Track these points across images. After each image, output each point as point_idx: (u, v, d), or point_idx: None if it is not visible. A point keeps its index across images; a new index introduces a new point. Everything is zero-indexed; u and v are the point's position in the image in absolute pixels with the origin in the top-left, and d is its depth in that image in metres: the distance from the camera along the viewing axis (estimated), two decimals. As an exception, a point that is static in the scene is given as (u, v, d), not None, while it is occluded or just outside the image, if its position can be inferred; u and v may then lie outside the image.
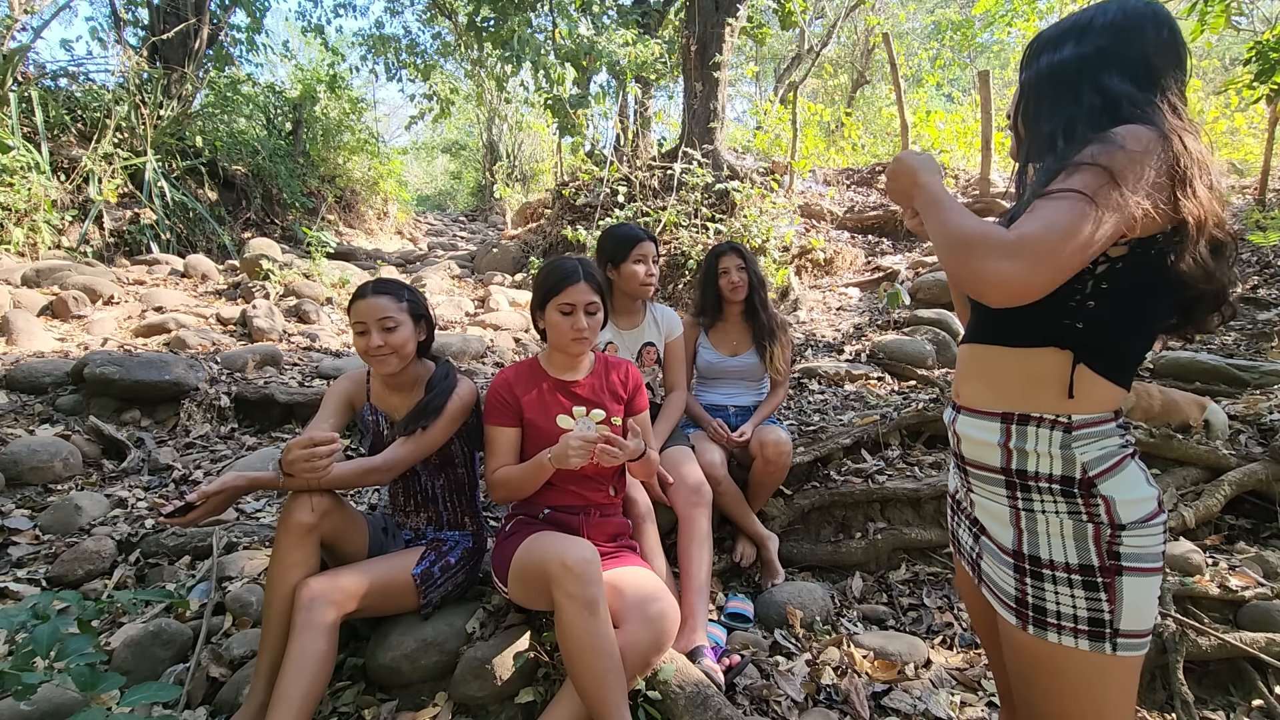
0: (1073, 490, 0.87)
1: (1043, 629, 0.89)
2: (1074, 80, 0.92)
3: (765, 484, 2.25)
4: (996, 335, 0.96)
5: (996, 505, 0.96)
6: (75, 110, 6.48)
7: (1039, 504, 0.90)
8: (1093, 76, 0.90)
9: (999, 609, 0.95)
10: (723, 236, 5.77)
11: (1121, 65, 0.89)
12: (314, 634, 1.43)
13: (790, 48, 13.04)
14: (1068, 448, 0.88)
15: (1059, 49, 0.94)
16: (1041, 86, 0.97)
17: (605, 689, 1.33)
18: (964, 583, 1.13)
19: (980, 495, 0.99)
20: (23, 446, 2.58)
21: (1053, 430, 0.88)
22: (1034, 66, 0.98)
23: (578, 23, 8.03)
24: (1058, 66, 0.94)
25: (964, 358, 1.03)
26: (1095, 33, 0.91)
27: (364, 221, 10.42)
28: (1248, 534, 2.38)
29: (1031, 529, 0.90)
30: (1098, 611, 0.85)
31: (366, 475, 1.63)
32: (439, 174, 21.65)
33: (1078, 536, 0.87)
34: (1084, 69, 0.91)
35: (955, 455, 1.05)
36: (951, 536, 1.13)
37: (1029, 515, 0.91)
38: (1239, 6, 4.63)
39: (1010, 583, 0.92)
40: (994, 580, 0.96)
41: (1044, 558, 0.89)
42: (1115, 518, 0.85)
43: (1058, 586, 0.87)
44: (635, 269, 2.16)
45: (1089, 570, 0.86)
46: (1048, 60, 0.96)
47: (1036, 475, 0.90)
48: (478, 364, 4.28)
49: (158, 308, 4.66)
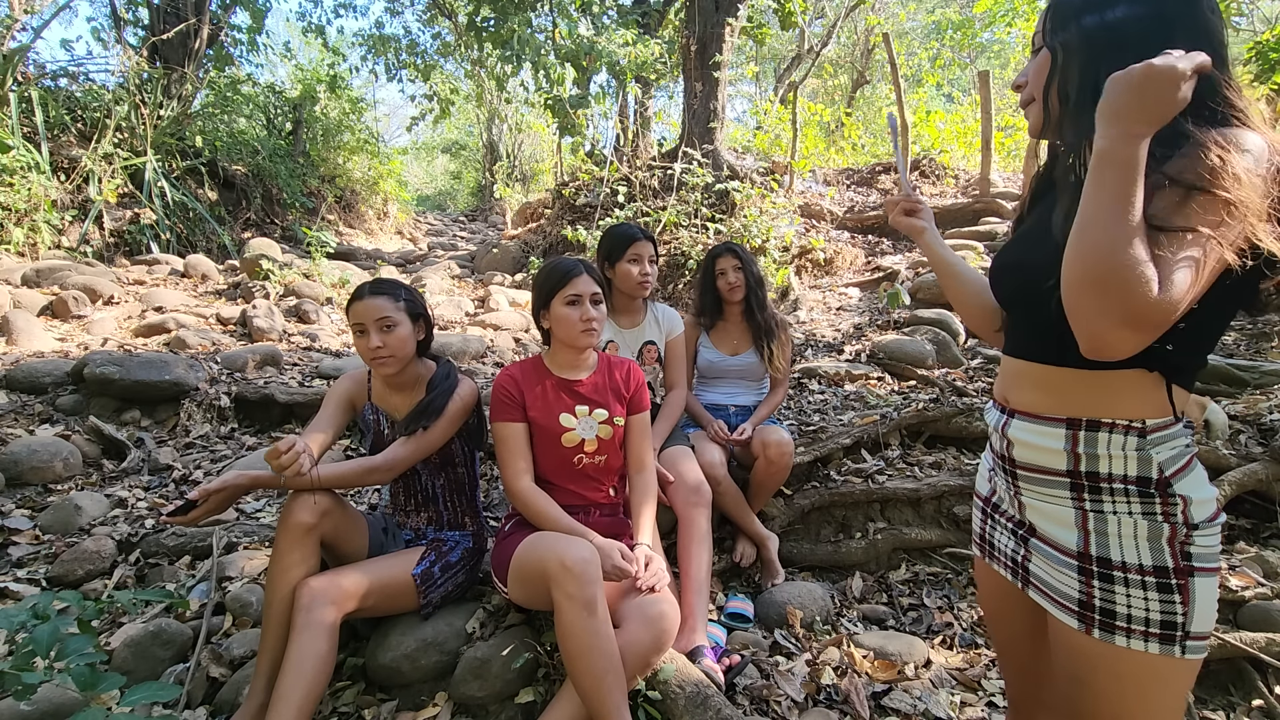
0: (1149, 490, 0.84)
1: (1110, 632, 0.85)
2: (1135, 47, 0.78)
3: (766, 484, 2.25)
4: (1065, 358, 0.87)
5: (1056, 508, 0.92)
6: (75, 110, 6.48)
7: (1110, 505, 0.87)
8: (1160, 46, 0.75)
9: (1056, 612, 0.91)
10: (723, 236, 5.77)
11: (1191, 36, 0.77)
12: (314, 634, 1.43)
13: (790, 48, 13.04)
14: (1143, 450, 0.84)
15: (1108, 7, 0.82)
16: (1091, 51, 0.82)
17: (605, 689, 1.33)
18: (987, 584, 1.09)
19: (1035, 499, 0.95)
20: (23, 446, 2.58)
21: (1126, 435, 0.85)
22: (1072, 27, 0.84)
23: (578, 23, 8.03)
24: (1112, 28, 0.81)
25: (1015, 370, 0.96)
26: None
27: (364, 221, 10.42)
28: (1248, 534, 2.37)
29: (1101, 530, 0.87)
30: (1171, 614, 0.82)
31: (367, 475, 1.64)
32: (439, 174, 21.65)
33: (1152, 537, 0.84)
34: (1147, 35, 0.79)
35: (999, 458, 1.00)
36: (980, 540, 1.09)
37: (1098, 517, 0.87)
38: (1239, 6, 4.63)
39: (1073, 585, 0.88)
40: (1050, 584, 0.92)
41: (1115, 559, 0.85)
42: (1190, 517, 0.83)
43: (1130, 589, 0.84)
44: (630, 268, 2.16)
45: (1164, 572, 0.83)
46: (1094, 21, 0.82)
47: (1110, 476, 0.86)
48: (478, 364, 4.27)
49: (158, 308, 4.66)
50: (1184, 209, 0.72)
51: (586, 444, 1.69)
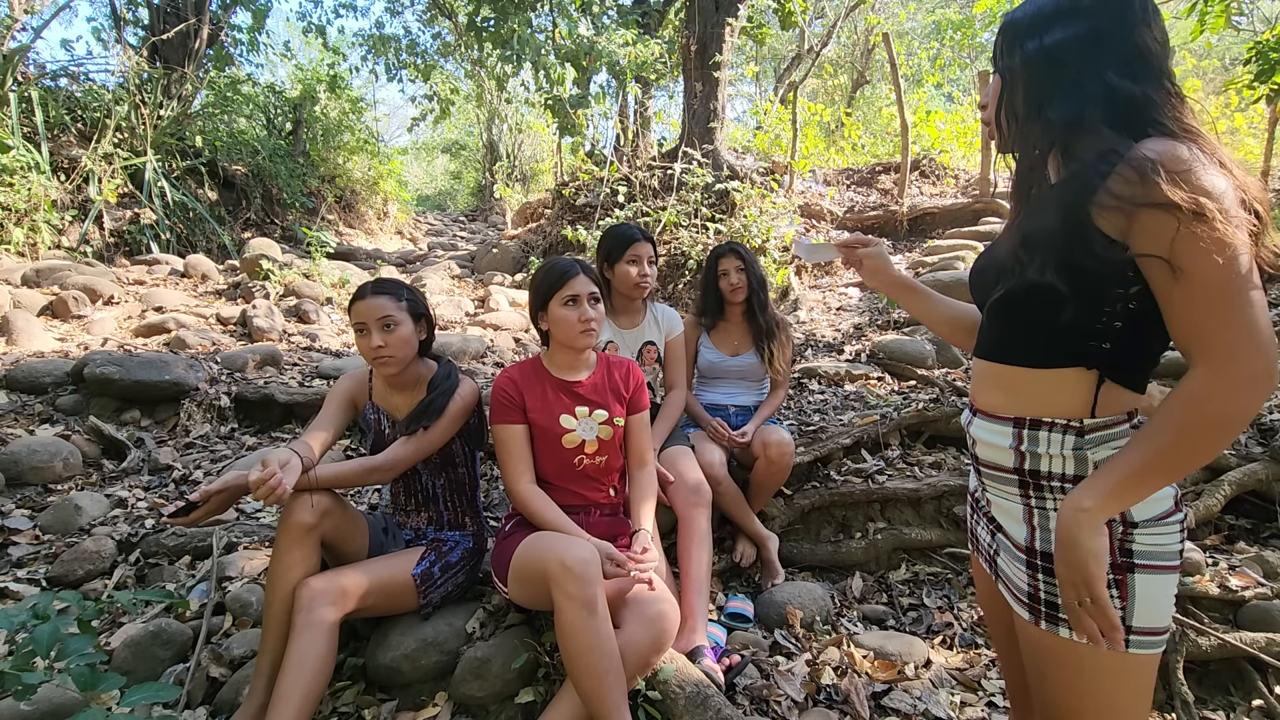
0: None
1: (1055, 624, 0.89)
2: (1071, 66, 0.85)
3: (767, 484, 2.25)
4: (1015, 356, 0.94)
5: (1010, 503, 0.97)
6: (75, 110, 6.48)
7: (1051, 502, 0.91)
8: (1094, 64, 0.83)
9: (1014, 605, 0.96)
10: (723, 236, 5.77)
11: (1125, 53, 0.83)
12: (314, 634, 1.43)
13: (790, 48, 13.03)
14: (1080, 449, 0.88)
15: (1046, 31, 0.87)
16: (1033, 74, 0.88)
17: (605, 689, 1.33)
18: (981, 580, 1.14)
19: (995, 495, 1.00)
20: (23, 446, 2.58)
21: (1065, 434, 0.89)
22: (1016, 53, 0.90)
23: (578, 23, 8.03)
24: (1050, 51, 0.86)
25: (978, 369, 1.02)
26: (1085, 12, 0.84)
27: (364, 221, 10.42)
28: (1248, 534, 2.38)
29: (1044, 526, 0.91)
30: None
31: (368, 474, 1.64)
32: (439, 174, 21.65)
33: None
34: (1081, 54, 0.84)
35: (971, 456, 1.06)
36: (970, 535, 1.14)
37: (1041, 513, 0.92)
38: (1239, 6, 4.63)
39: (1024, 578, 0.93)
40: (1009, 577, 0.97)
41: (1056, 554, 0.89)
42: (1127, 515, 0.85)
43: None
44: (628, 269, 2.16)
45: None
46: (1034, 45, 0.87)
47: (1049, 475, 0.90)
48: (478, 364, 4.27)
49: (158, 308, 4.66)
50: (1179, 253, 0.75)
51: (587, 445, 1.69)
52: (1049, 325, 0.87)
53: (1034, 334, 0.90)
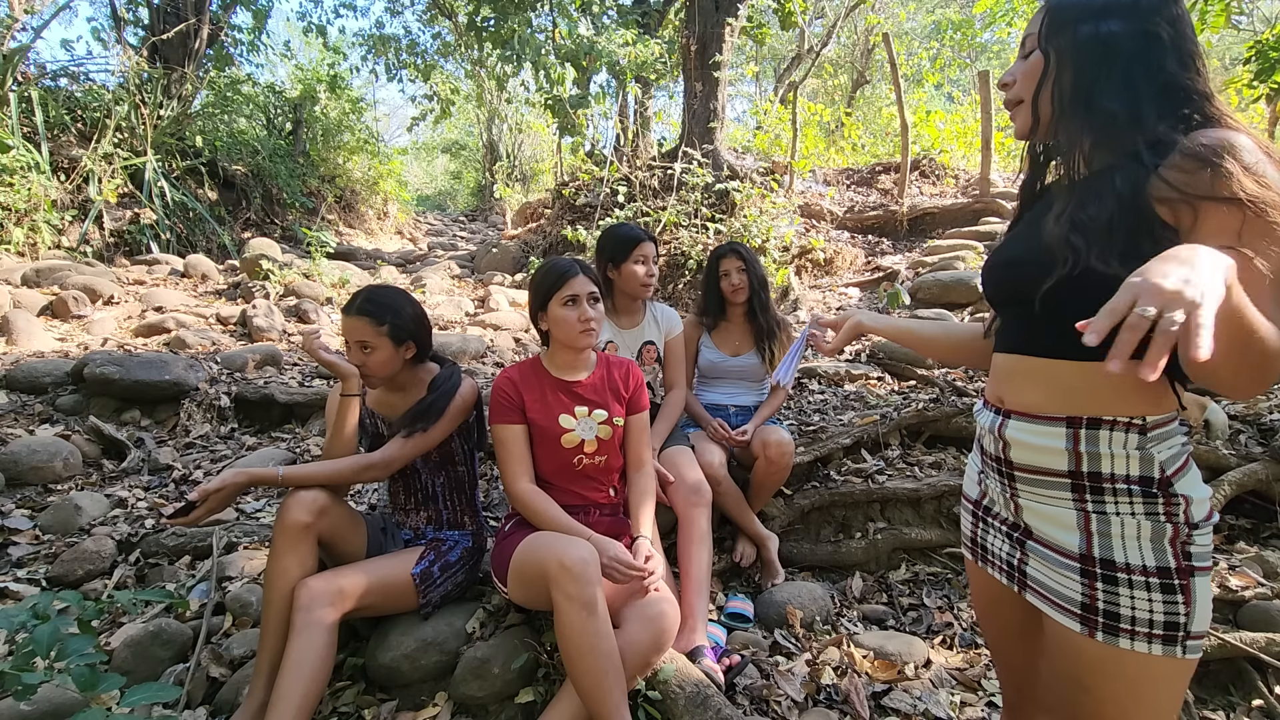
0: (1152, 490, 0.84)
1: (1114, 635, 0.85)
2: (1125, 61, 0.84)
3: (767, 484, 2.25)
4: (1059, 349, 0.89)
5: (1056, 509, 0.91)
6: (75, 110, 6.48)
7: (1112, 506, 0.86)
8: (1147, 62, 0.83)
9: (1056, 615, 0.90)
10: (723, 236, 5.77)
11: (1176, 54, 0.83)
12: (313, 634, 1.43)
13: (790, 48, 13.04)
14: (1144, 448, 0.84)
15: (1103, 19, 0.85)
16: (1085, 60, 0.86)
17: (605, 689, 1.33)
18: (981, 589, 1.09)
19: (1033, 500, 0.94)
20: (23, 446, 2.58)
21: (1128, 433, 0.85)
22: (1068, 34, 0.87)
23: (578, 23, 8.03)
24: (1106, 40, 0.84)
25: (1009, 366, 0.97)
26: (1145, 11, 0.84)
27: (364, 221, 10.42)
28: (1248, 534, 2.37)
29: (1104, 532, 0.86)
30: (1174, 614, 0.82)
31: (364, 471, 1.64)
32: (439, 174, 21.65)
33: (1155, 538, 0.84)
34: (1137, 52, 0.83)
35: (994, 460, 0.99)
36: (971, 543, 1.08)
37: (1100, 518, 0.87)
38: (1239, 6, 4.63)
39: (1075, 588, 0.88)
40: (1050, 586, 0.92)
41: (1119, 561, 0.85)
42: (1190, 516, 0.83)
43: (1134, 590, 0.84)
44: (636, 269, 2.16)
45: (1167, 573, 0.83)
46: (1090, 31, 0.85)
47: (1113, 477, 0.86)
48: (478, 364, 4.27)
49: (158, 308, 4.66)
50: (1238, 230, 0.74)
51: (586, 445, 1.69)
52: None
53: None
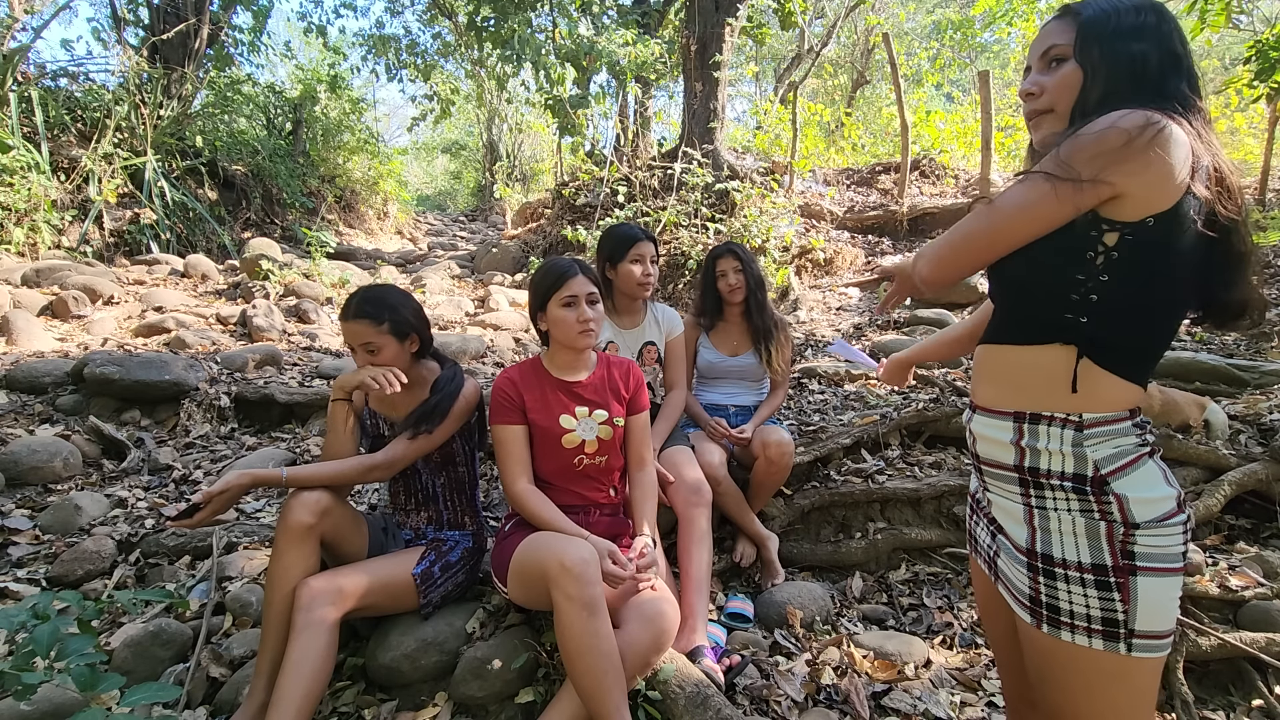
0: (1084, 488, 0.87)
1: (1056, 628, 0.89)
2: (1151, 81, 0.87)
3: (767, 484, 2.25)
4: (1006, 334, 0.96)
5: (1011, 503, 0.96)
6: (75, 110, 6.48)
7: (1051, 502, 0.90)
8: (1167, 81, 0.87)
9: (1015, 607, 0.95)
10: (723, 236, 5.77)
11: (1188, 74, 0.88)
12: (314, 634, 1.43)
13: (790, 48, 13.03)
14: (1079, 446, 0.87)
15: (1134, 40, 0.88)
16: (1118, 74, 0.88)
17: (605, 689, 1.33)
18: (980, 582, 1.13)
19: (996, 494, 0.99)
20: (23, 446, 2.58)
21: (1064, 429, 0.88)
22: (1105, 49, 0.89)
23: (578, 23, 8.03)
24: (1136, 59, 0.87)
25: (979, 358, 1.03)
26: (1164, 34, 0.88)
27: (364, 221, 10.42)
28: (1248, 534, 2.37)
29: (1044, 527, 0.90)
30: (1111, 611, 0.85)
31: (367, 472, 1.64)
32: (439, 174, 21.63)
33: (1090, 535, 0.86)
34: (1160, 72, 0.87)
35: (972, 454, 1.05)
36: (969, 535, 1.13)
37: (1041, 513, 0.91)
38: (1239, 5, 4.63)
39: (1025, 581, 0.92)
40: (1010, 578, 0.97)
41: (1056, 556, 0.89)
42: (1129, 516, 0.84)
43: (1070, 585, 0.87)
44: (632, 269, 2.16)
45: (1102, 570, 0.85)
46: (1124, 49, 0.88)
47: (1049, 473, 0.90)
48: (478, 364, 4.27)
49: (158, 308, 4.66)
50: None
51: (587, 445, 1.69)
52: (1031, 293, 0.91)
53: (1021, 308, 0.94)
